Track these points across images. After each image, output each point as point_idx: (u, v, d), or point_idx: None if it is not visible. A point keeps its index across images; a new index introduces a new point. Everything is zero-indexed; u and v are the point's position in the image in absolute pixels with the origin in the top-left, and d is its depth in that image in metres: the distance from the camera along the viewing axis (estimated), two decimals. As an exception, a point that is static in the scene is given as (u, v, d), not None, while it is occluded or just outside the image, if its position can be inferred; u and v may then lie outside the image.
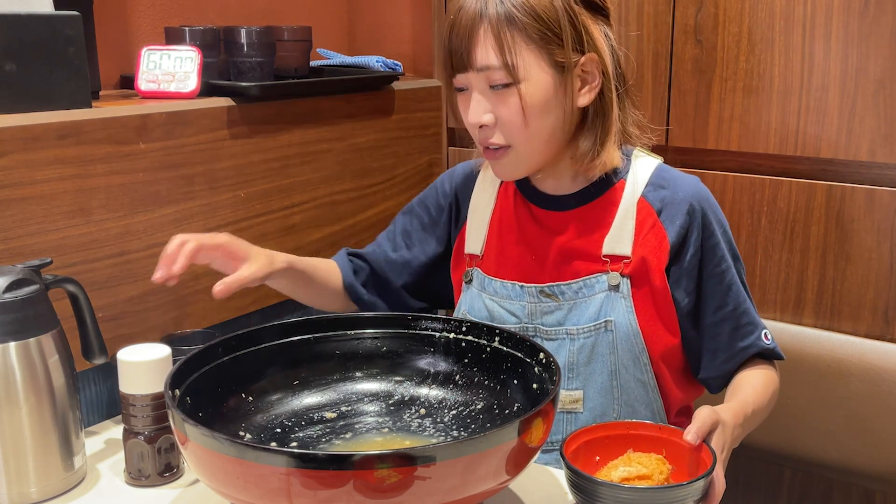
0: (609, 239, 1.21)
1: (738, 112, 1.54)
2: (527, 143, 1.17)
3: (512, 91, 1.13)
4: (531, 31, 1.12)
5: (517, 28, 1.11)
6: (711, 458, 0.99)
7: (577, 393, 1.22)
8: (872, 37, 1.40)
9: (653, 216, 1.21)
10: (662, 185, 1.22)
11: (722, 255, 1.21)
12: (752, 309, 1.25)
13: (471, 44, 1.13)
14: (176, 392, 0.98)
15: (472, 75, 1.14)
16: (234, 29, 1.54)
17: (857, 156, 1.45)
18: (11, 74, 1.18)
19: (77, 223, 1.25)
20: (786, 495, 1.63)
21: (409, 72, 2.03)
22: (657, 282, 1.20)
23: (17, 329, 1.04)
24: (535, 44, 1.12)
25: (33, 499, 1.07)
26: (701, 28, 1.54)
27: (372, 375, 1.17)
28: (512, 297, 1.25)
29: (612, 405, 1.21)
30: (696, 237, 1.20)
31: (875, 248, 1.46)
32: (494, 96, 1.14)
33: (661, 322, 1.21)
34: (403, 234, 1.41)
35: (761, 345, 1.23)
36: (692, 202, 1.20)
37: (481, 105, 1.15)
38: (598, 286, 1.20)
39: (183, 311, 1.41)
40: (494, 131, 1.16)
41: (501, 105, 1.14)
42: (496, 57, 1.12)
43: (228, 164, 1.46)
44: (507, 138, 1.16)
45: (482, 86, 1.15)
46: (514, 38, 1.12)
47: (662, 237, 1.20)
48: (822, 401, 1.49)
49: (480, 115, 1.15)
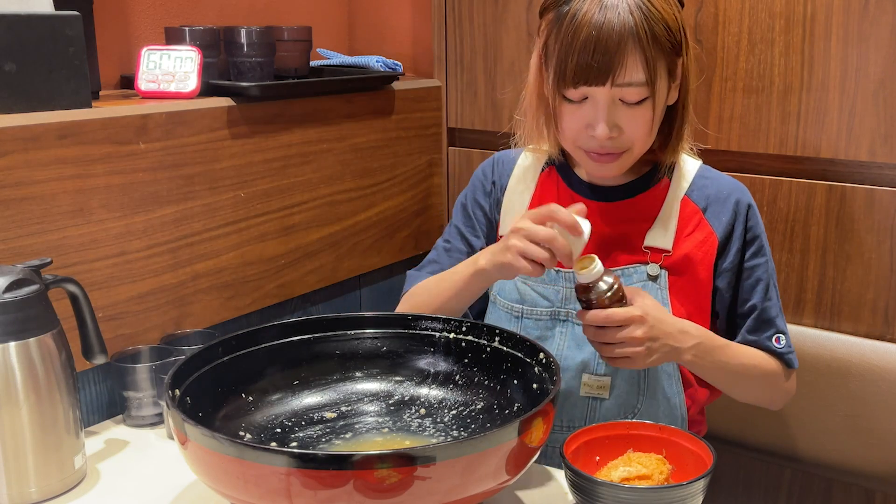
0: (651, 232, 1.23)
1: (738, 112, 1.54)
2: (642, 146, 1.19)
3: (645, 104, 1.13)
4: (665, 45, 1.11)
5: (658, 44, 1.10)
6: (711, 457, 0.99)
7: (606, 379, 1.23)
8: (872, 37, 1.40)
9: (698, 214, 1.24)
10: (706, 185, 1.26)
11: (759, 250, 1.25)
12: (775, 310, 1.26)
13: (616, 59, 1.09)
14: (176, 392, 0.98)
15: (607, 90, 1.12)
16: (234, 29, 1.54)
17: (857, 156, 1.45)
18: (11, 74, 1.18)
19: (77, 223, 1.25)
20: (786, 495, 1.63)
21: (409, 72, 2.03)
22: (702, 276, 1.23)
23: (17, 329, 1.04)
24: (666, 57, 1.12)
25: (33, 499, 1.07)
26: (701, 28, 1.54)
27: (372, 375, 1.17)
28: (546, 282, 1.25)
29: (637, 395, 1.23)
30: (741, 231, 1.24)
31: (875, 248, 1.46)
32: (624, 109, 1.13)
33: (695, 317, 1.23)
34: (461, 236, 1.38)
35: (766, 344, 1.25)
36: (737, 198, 1.24)
37: (610, 118, 1.13)
38: (637, 276, 1.22)
39: (183, 311, 1.41)
40: (616, 141, 1.16)
41: (632, 118, 1.14)
42: (644, 74, 1.10)
43: (228, 164, 1.46)
44: (628, 145, 1.17)
45: (613, 99, 1.13)
46: (656, 55, 1.10)
47: (709, 233, 1.24)
48: (822, 401, 1.49)
49: (612, 129, 1.14)
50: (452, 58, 1.85)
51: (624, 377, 1.23)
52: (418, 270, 1.38)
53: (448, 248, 1.37)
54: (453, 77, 1.86)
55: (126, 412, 1.29)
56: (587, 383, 1.23)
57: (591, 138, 1.16)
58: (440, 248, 1.38)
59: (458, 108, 1.87)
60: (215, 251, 1.46)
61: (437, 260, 1.37)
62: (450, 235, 1.38)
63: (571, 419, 1.24)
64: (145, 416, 1.28)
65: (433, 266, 1.37)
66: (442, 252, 1.37)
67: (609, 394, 1.23)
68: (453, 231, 1.38)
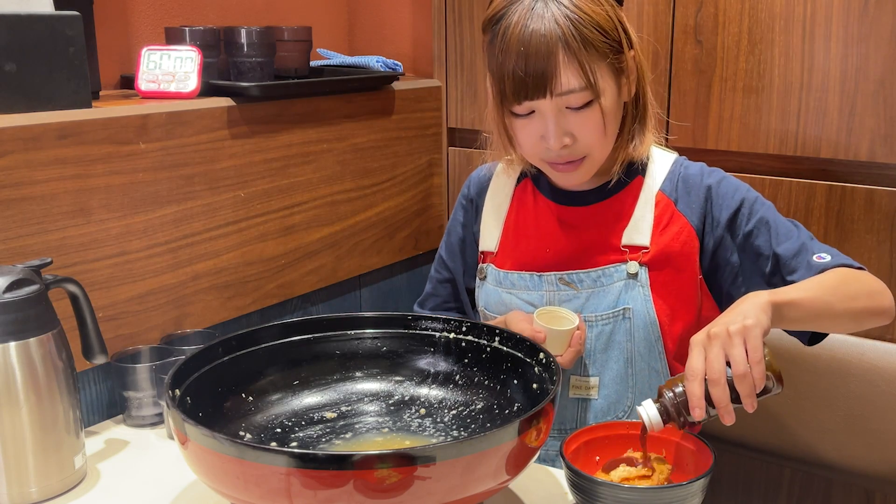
0: (628, 230, 1.23)
1: (738, 112, 1.54)
2: (601, 149, 1.18)
3: (592, 107, 1.13)
4: (601, 47, 1.11)
5: (592, 47, 1.10)
6: (711, 457, 0.99)
7: (593, 380, 1.23)
8: (872, 37, 1.40)
9: (671, 207, 1.24)
10: (678, 177, 1.25)
11: (750, 211, 1.21)
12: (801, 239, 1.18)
13: (551, 71, 1.10)
14: (176, 392, 0.98)
15: (548, 101, 1.12)
16: (234, 29, 1.54)
17: (857, 156, 1.45)
18: (11, 74, 1.18)
19: (77, 223, 1.25)
20: (786, 495, 1.63)
21: (409, 72, 2.03)
22: (684, 268, 1.22)
23: (17, 329, 1.04)
24: (606, 59, 1.12)
25: (33, 499, 1.07)
26: (701, 28, 1.54)
27: (372, 375, 1.17)
28: (530, 288, 1.26)
29: (626, 393, 1.23)
30: (718, 211, 1.22)
31: (875, 248, 1.46)
32: (572, 115, 1.14)
33: (679, 312, 1.23)
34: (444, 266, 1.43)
35: (815, 266, 1.15)
36: (706, 183, 1.23)
37: (560, 129, 1.14)
38: (617, 275, 1.22)
39: (183, 311, 1.41)
40: (571, 148, 1.16)
41: (581, 123, 1.14)
42: (581, 80, 1.11)
43: (228, 164, 1.46)
44: (585, 150, 1.17)
45: (558, 109, 1.13)
46: (591, 58, 1.11)
47: (683, 224, 1.23)
48: (822, 401, 1.49)
49: (562, 137, 1.14)
50: (452, 58, 1.85)
51: (612, 376, 1.23)
52: (420, 306, 1.44)
53: (441, 280, 1.43)
54: (453, 77, 1.86)
55: (126, 412, 1.29)
56: (575, 385, 1.24)
57: (547, 150, 1.16)
58: (434, 280, 1.44)
59: (458, 108, 1.87)
60: (215, 251, 1.46)
61: (436, 293, 1.43)
62: (438, 265, 1.44)
63: (563, 421, 1.25)
64: (145, 416, 1.28)
65: (434, 300, 1.43)
66: (437, 284, 1.44)
67: (597, 393, 1.23)
68: (440, 261, 1.44)
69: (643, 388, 1.23)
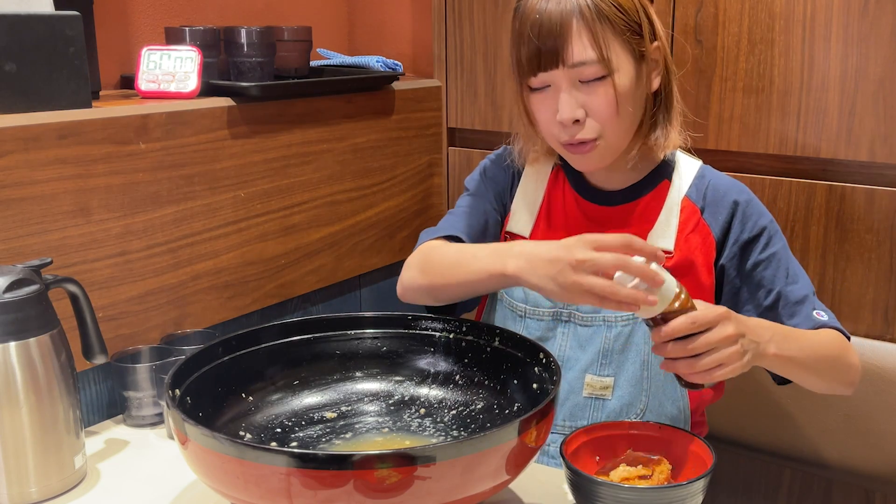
0: (653, 234, 1.24)
1: (738, 112, 1.54)
2: (615, 133, 1.18)
3: (605, 83, 1.14)
4: (618, 23, 1.14)
5: (607, 21, 1.13)
6: (711, 458, 0.99)
7: (609, 380, 1.23)
8: (872, 37, 1.40)
9: (696, 214, 1.24)
10: (705, 185, 1.26)
11: (768, 241, 1.23)
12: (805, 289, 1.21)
13: (563, 40, 1.12)
14: (176, 392, 0.98)
15: (562, 72, 1.14)
16: (234, 29, 1.54)
17: (857, 156, 1.45)
18: (11, 74, 1.18)
19: (77, 223, 1.25)
20: (786, 495, 1.63)
21: (409, 72, 2.03)
22: (703, 278, 1.23)
23: (17, 329, 1.04)
24: (622, 36, 1.14)
25: (33, 499, 1.07)
26: (701, 28, 1.54)
27: (372, 375, 1.17)
28: None
29: (639, 396, 1.22)
30: (739, 230, 1.23)
31: (875, 248, 1.46)
32: (585, 90, 1.15)
33: None
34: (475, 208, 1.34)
35: (812, 321, 1.19)
36: (734, 198, 1.24)
37: (573, 101, 1.15)
38: None
39: (183, 311, 1.41)
40: (583, 126, 1.17)
41: (593, 98, 1.15)
42: (593, 51, 1.12)
43: (228, 164, 1.46)
44: (598, 130, 1.17)
45: (571, 82, 1.15)
46: (605, 31, 1.13)
47: (707, 234, 1.23)
48: (823, 401, 1.49)
49: (574, 110, 1.15)
50: (452, 58, 1.85)
51: (627, 378, 1.22)
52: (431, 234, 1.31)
53: (467, 211, 1.32)
54: (453, 77, 1.86)
55: (126, 412, 1.29)
56: (590, 384, 1.23)
57: (563, 129, 1.17)
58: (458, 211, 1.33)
59: (458, 108, 1.87)
60: (215, 251, 1.46)
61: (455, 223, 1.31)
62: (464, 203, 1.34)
63: (574, 420, 1.25)
64: (145, 416, 1.28)
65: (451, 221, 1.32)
66: (460, 215, 1.32)
67: (612, 394, 1.23)
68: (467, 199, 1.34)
69: (657, 392, 1.22)
